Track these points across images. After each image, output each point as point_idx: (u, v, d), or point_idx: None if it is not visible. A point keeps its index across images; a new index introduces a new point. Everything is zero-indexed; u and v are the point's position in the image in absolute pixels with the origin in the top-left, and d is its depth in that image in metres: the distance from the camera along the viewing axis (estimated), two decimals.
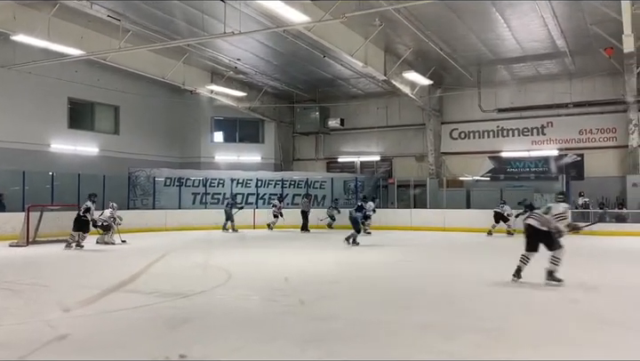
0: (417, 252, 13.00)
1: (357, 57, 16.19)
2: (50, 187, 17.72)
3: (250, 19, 14.24)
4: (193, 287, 7.72)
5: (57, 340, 5.03)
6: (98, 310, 6.32)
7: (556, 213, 8.06)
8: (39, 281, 8.64)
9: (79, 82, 19.72)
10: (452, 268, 10.49)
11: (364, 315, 6.16)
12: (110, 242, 14.40)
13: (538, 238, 8.12)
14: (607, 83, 20.22)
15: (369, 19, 14.59)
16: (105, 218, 14.47)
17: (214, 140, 26.12)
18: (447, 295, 7.38)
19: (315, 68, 21.06)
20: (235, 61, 19.96)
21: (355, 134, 25.59)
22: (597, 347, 4.83)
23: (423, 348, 4.76)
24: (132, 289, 7.73)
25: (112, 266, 10.87)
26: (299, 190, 23.29)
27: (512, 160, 22.24)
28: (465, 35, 16.90)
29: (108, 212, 14.57)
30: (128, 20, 15.07)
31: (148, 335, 5.26)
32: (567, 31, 16.38)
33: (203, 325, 5.66)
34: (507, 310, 6.39)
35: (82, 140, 20.90)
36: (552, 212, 8.06)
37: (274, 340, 4.99)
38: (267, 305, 6.85)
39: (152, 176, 21.08)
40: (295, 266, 10.74)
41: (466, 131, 23.26)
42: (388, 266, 10.79)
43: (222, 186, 22.41)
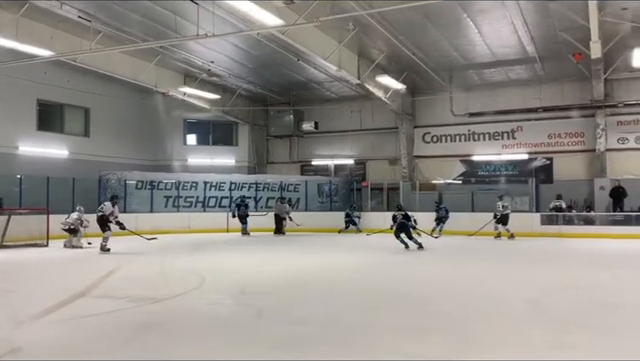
0: (390, 254, 13.08)
1: (331, 61, 16.26)
2: (18, 190, 17.32)
3: (223, 21, 14.16)
4: (165, 292, 7.64)
5: (25, 346, 4.93)
6: (68, 316, 6.23)
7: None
8: (6, 286, 8.45)
9: (48, 83, 19.36)
10: (424, 271, 10.60)
11: (336, 317, 6.17)
12: (78, 245, 14.15)
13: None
14: (575, 88, 20.69)
15: (342, 23, 14.66)
16: (72, 221, 14.22)
17: (187, 143, 25.89)
18: (418, 297, 7.44)
19: (289, 72, 21.07)
20: (208, 64, 19.83)
21: (329, 137, 25.65)
22: (561, 348, 4.93)
23: (393, 350, 4.80)
24: (103, 294, 7.66)
25: (81, 270, 10.67)
26: (273, 193, 23.21)
27: (483, 163, 22.57)
28: (437, 40, 17.11)
29: (75, 215, 14.32)
30: (99, 20, 14.85)
31: (119, 341, 5.18)
32: (537, 37, 16.73)
33: (174, 331, 5.60)
34: (475, 312, 6.47)
35: (51, 142, 20.50)
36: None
37: (246, 345, 4.97)
38: (240, 309, 6.82)
39: (123, 179, 20.77)
40: (270, 269, 10.71)
41: (438, 134, 23.52)
42: (362, 269, 10.84)
43: (195, 189, 22.22)
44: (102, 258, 12.65)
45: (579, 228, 18.20)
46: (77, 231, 14.24)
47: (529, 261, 12.15)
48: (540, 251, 14.50)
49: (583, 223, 18.77)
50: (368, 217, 21.28)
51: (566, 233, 17.83)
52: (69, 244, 14.23)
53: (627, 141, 20.22)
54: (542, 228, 18.39)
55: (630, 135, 20.17)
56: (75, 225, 14.20)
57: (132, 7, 14.43)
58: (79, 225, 14.27)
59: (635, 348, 4.97)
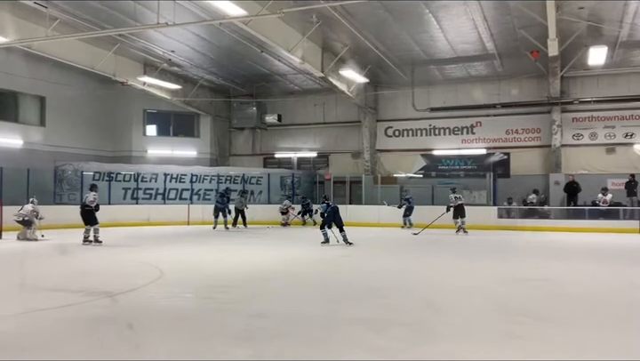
0: (353, 247, 13.17)
1: (295, 53, 16.21)
2: None
3: (185, 10, 13.95)
4: (122, 285, 7.51)
5: None
6: (21, 310, 6.06)
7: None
8: None
9: (2, 71, 18.66)
10: (384, 264, 10.72)
11: (297, 311, 6.19)
12: (32, 238, 13.76)
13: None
14: (533, 85, 21.19)
15: (306, 15, 14.65)
16: (26, 213, 13.81)
17: (147, 134, 25.41)
18: (379, 290, 7.52)
19: (252, 63, 20.91)
20: (169, 53, 19.50)
21: (292, 130, 25.61)
22: (514, 338, 5.07)
23: (354, 342, 4.84)
24: (57, 288, 7.47)
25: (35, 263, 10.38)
26: (235, 186, 23.01)
27: (443, 158, 22.86)
28: (399, 34, 17.25)
29: (29, 207, 13.91)
30: (56, 7, 14.41)
31: (73, 336, 5.07)
32: (496, 34, 17.05)
33: (125, 325, 5.49)
34: (434, 304, 6.58)
35: (4, 131, 19.80)
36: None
37: (205, 340, 4.93)
38: (200, 303, 6.76)
39: (80, 170, 20.26)
40: (230, 262, 10.65)
41: (400, 129, 23.76)
42: (323, 262, 10.87)
43: (155, 181, 21.85)
44: (57, 250, 12.34)
45: (534, 222, 18.71)
46: (32, 223, 13.84)
47: (486, 254, 12.42)
48: (497, 243, 14.84)
49: (538, 217, 19.31)
50: None
51: (522, 226, 18.29)
52: (23, 236, 13.82)
53: (581, 137, 20.86)
54: (499, 222, 18.86)
55: (585, 132, 20.81)
56: (29, 217, 13.80)
57: None
58: (34, 217, 13.87)
59: (584, 338, 5.13)
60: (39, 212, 14.01)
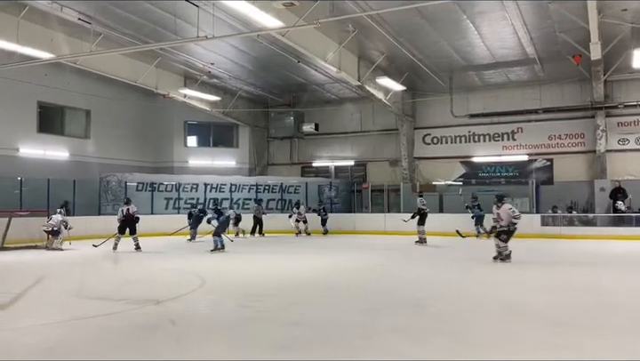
0: (391, 256, 13.08)
1: (331, 62, 16.29)
2: (18, 192, 17.35)
3: (223, 23, 14.20)
4: (165, 294, 7.65)
5: (26, 347, 4.95)
6: (69, 318, 6.25)
7: None
8: (6, 288, 8.45)
9: (49, 85, 19.36)
10: (421, 272, 10.60)
11: (334, 319, 6.18)
12: (58, 248, 14.16)
13: None
14: (575, 89, 20.69)
15: (342, 24, 14.69)
16: (55, 223, 14.23)
17: (188, 145, 25.90)
18: (415, 298, 7.45)
19: (289, 73, 21.09)
20: (208, 66, 19.85)
21: (329, 139, 25.67)
22: (554, 348, 4.95)
23: (392, 352, 4.81)
24: (104, 296, 7.68)
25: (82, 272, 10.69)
26: (273, 195, 23.28)
27: (483, 165, 22.57)
28: (437, 41, 17.12)
29: (59, 217, 14.34)
30: (99, 23, 14.88)
31: (117, 344, 5.20)
32: (536, 39, 16.73)
33: (175, 333, 5.61)
34: (472, 313, 6.48)
35: (51, 144, 20.53)
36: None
37: (246, 347, 4.98)
38: (239, 311, 6.82)
39: (124, 181, 20.81)
40: (267, 271, 10.72)
41: (438, 136, 23.53)
42: (361, 270, 10.84)
43: (196, 191, 22.24)
44: (102, 259, 12.68)
45: (579, 230, 18.20)
46: (59, 233, 14.26)
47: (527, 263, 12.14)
48: (539, 252, 14.49)
49: (583, 224, 18.77)
50: (368, 219, 21.30)
51: (566, 234, 17.83)
52: (50, 246, 14.25)
53: (627, 142, 20.21)
54: (542, 230, 18.39)
55: (630, 136, 20.16)
56: (57, 227, 14.21)
57: (132, 9, 14.46)
58: (62, 227, 14.29)
59: (624, 349, 4.97)
60: (68, 222, 14.45)
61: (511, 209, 11.10)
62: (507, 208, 11.12)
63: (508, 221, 11.05)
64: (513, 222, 11.02)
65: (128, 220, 14.38)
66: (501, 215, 11.15)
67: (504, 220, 11.09)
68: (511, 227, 11.07)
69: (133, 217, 14.41)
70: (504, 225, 11.11)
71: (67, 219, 14.49)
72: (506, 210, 11.10)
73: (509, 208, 11.15)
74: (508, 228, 11.07)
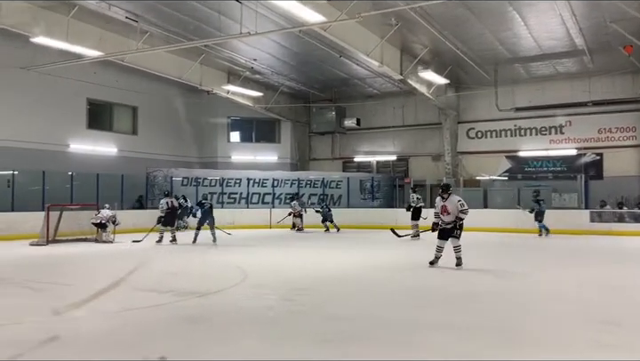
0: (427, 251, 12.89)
1: (373, 56, 16.17)
2: (69, 187, 17.95)
3: (266, 19, 14.30)
4: (209, 286, 7.78)
5: (71, 336, 5.11)
6: (115, 309, 6.42)
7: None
8: (58, 280, 8.77)
9: (98, 83, 19.94)
10: (470, 268, 10.42)
11: (380, 315, 6.15)
12: (108, 240, 14.58)
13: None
14: (627, 81, 19.97)
15: (385, 18, 14.58)
16: (103, 217, 14.64)
17: (231, 140, 26.25)
18: (463, 295, 7.34)
19: (331, 68, 21.07)
20: (251, 62, 20.05)
21: (371, 134, 25.55)
22: (604, 348, 4.81)
23: (438, 348, 4.76)
24: (149, 288, 7.86)
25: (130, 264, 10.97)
26: (315, 190, 23.35)
27: (530, 159, 22.04)
28: (481, 33, 16.79)
29: (108, 212, 14.76)
30: (145, 21, 15.22)
31: (162, 335, 5.31)
32: (586, 29, 16.18)
33: (218, 325, 5.70)
34: (519, 311, 6.35)
35: (100, 140, 21.17)
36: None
37: (289, 340, 5.01)
38: (283, 304, 6.87)
39: (169, 176, 21.27)
40: (310, 265, 10.77)
41: (483, 130, 23.11)
42: (404, 265, 10.75)
43: (239, 185, 22.54)
44: (148, 252, 12.99)
45: (630, 226, 17.55)
46: (106, 227, 14.70)
47: (575, 259, 11.82)
48: (588, 248, 14.08)
49: (634, 221, 18.09)
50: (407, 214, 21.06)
51: (617, 231, 17.24)
52: (100, 238, 14.68)
53: None
54: (592, 226, 17.82)
55: None
56: (105, 221, 14.62)
57: (178, 7, 14.71)
58: (110, 221, 14.71)
59: None
60: (117, 216, 14.86)
61: (460, 202, 9.55)
62: (455, 200, 9.55)
63: (454, 217, 9.51)
64: (460, 217, 9.48)
65: (173, 212, 14.77)
66: (448, 208, 9.56)
67: (450, 214, 9.53)
68: (458, 222, 9.51)
69: (177, 210, 14.77)
70: (448, 221, 9.56)
71: (115, 213, 14.90)
72: (454, 202, 9.53)
73: (458, 200, 9.59)
74: (454, 224, 9.50)
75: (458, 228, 9.57)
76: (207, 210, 14.58)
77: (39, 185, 17.14)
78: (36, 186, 17.20)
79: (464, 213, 9.48)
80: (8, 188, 16.66)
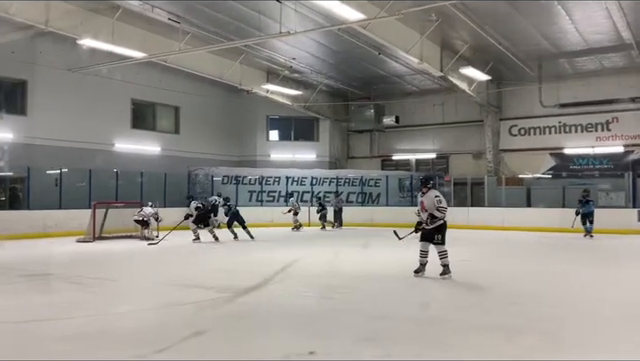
0: (475, 251, 12.74)
1: (413, 53, 16.03)
2: (114, 185, 18.42)
3: (305, 18, 14.35)
4: (251, 283, 7.86)
5: (122, 333, 5.25)
6: (160, 304, 6.57)
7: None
8: (106, 275, 9.01)
9: (141, 83, 20.41)
10: (513, 269, 10.24)
11: (422, 314, 6.10)
12: (150, 237, 14.88)
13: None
14: None
15: (425, 14, 14.41)
16: (145, 214, 14.94)
17: (270, 139, 26.45)
18: (504, 296, 7.21)
19: (369, 66, 20.98)
20: (290, 60, 20.15)
21: (410, 132, 25.33)
22: None
23: (482, 349, 4.68)
24: (193, 284, 8.00)
25: (174, 261, 11.22)
26: (353, 188, 23.33)
27: (575, 157, 21.45)
28: (525, 28, 16.42)
29: (150, 210, 15.07)
30: (187, 22, 15.48)
31: (207, 330, 5.38)
32: (633, 22, 15.60)
33: (261, 321, 5.75)
34: (565, 312, 6.19)
35: (144, 139, 21.65)
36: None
37: (330, 338, 5.01)
38: (323, 302, 6.89)
39: (210, 174, 21.61)
40: (350, 263, 10.76)
41: (526, 127, 22.61)
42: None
43: (278, 184, 22.72)
44: (193, 249, 13.23)
45: None
46: (149, 224, 15.00)
47: (622, 260, 11.46)
48: (636, 249, 13.62)
49: None
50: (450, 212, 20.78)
51: None
52: (143, 236, 15.01)
53: None
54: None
55: None
56: (147, 218, 14.92)
57: (218, 8, 14.91)
58: (153, 219, 15.02)
59: None
60: (159, 214, 15.15)
61: (437, 197, 8.32)
62: (432, 196, 8.32)
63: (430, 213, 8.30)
64: (435, 215, 8.24)
65: (207, 212, 14.94)
66: (425, 204, 8.39)
67: (427, 211, 8.33)
68: (431, 221, 8.28)
69: (209, 209, 15.03)
70: (425, 218, 8.41)
71: (157, 210, 15.21)
72: (431, 198, 8.30)
73: (436, 196, 8.35)
74: (427, 222, 8.34)
75: (437, 232, 8.30)
76: (235, 210, 14.84)
77: (86, 183, 17.62)
78: (83, 184, 17.70)
79: (440, 211, 8.21)
80: (56, 187, 17.20)
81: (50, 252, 12.32)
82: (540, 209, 19.00)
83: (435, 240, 8.30)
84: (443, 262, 8.32)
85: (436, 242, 8.31)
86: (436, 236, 8.29)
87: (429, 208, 8.27)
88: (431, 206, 8.26)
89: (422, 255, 8.47)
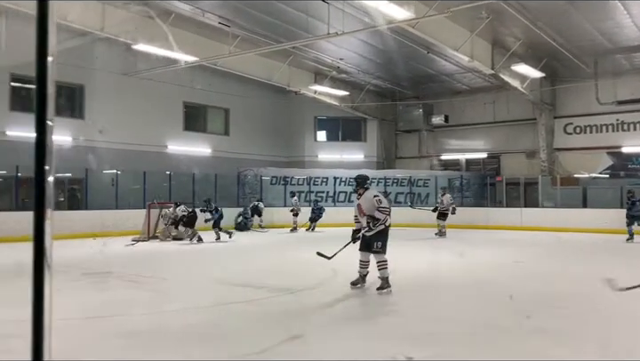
0: (529, 253, 12.42)
1: (463, 51, 15.78)
2: (167, 185, 18.90)
3: (352, 18, 14.34)
4: (301, 283, 7.92)
5: (172, 331, 5.38)
6: (212, 303, 6.70)
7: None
8: (160, 274, 9.27)
9: (193, 87, 20.87)
10: (567, 271, 9.92)
11: (472, 317, 5.99)
12: (187, 236, 14.97)
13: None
14: None
15: (475, 11, 14.16)
16: (178, 215, 15.14)
17: (318, 140, 26.56)
18: (558, 299, 6.99)
19: (418, 65, 20.78)
20: (337, 61, 20.18)
21: (459, 131, 24.92)
22: None
23: (532, 352, 4.59)
24: (244, 283, 8.13)
25: (225, 260, 11.42)
26: (402, 189, 23.14)
27: (634, 156, 20.59)
28: (579, 24, 15.90)
29: (183, 208, 15.25)
30: (237, 25, 15.75)
31: (257, 330, 5.47)
32: None
33: (311, 321, 5.79)
34: (621, 316, 5.96)
35: (196, 141, 22.13)
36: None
37: (380, 340, 5.00)
38: (373, 304, 6.86)
39: (259, 175, 21.88)
40: (398, 265, 10.65)
41: (581, 125, 21.87)
42: (498, 268, 10.40)
43: (326, 184, 22.77)
44: (243, 249, 13.43)
45: None
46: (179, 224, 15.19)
47: None
48: None
49: None
50: (502, 213, 20.38)
51: None
52: (165, 236, 15.18)
53: None
54: None
55: None
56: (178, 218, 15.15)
57: (267, 10, 15.09)
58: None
59: None
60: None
61: (377, 197, 7.34)
62: (370, 196, 7.37)
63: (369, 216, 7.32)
64: (376, 217, 7.21)
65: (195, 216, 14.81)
66: (363, 207, 7.41)
67: (367, 213, 7.35)
68: (372, 225, 7.25)
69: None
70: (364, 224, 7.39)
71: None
72: (369, 198, 7.35)
73: (374, 195, 7.38)
74: (369, 226, 7.29)
75: (376, 239, 7.25)
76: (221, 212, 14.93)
77: (140, 184, 18.16)
78: (137, 185, 18.24)
79: (381, 212, 7.22)
80: (112, 187, 17.80)
81: (108, 252, 12.73)
82: (596, 210, 18.33)
83: (374, 248, 7.24)
84: (381, 274, 7.21)
85: (375, 250, 7.24)
86: (376, 243, 7.23)
87: (368, 210, 7.32)
88: (371, 208, 7.30)
89: (362, 266, 7.53)
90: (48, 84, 1.32)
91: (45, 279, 1.34)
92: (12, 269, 9.17)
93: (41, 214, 1.33)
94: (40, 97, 1.33)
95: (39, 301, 1.35)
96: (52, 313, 1.36)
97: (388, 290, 7.15)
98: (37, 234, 1.33)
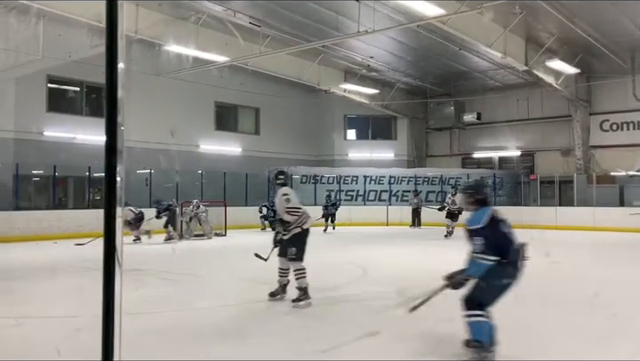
0: (565, 253, 12.18)
1: (495, 48, 15.55)
2: (199, 184, 19.12)
3: (383, 16, 14.28)
4: (330, 282, 7.92)
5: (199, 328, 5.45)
6: (238, 301, 6.76)
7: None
8: (192, 271, 9.40)
9: (224, 86, 21.05)
10: (605, 271, 9.71)
11: (507, 316, 5.89)
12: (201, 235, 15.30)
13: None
14: None
15: (508, 7, 13.96)
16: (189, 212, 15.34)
17: (348, 138, 26.51)
18: (597, 300, 6.83)
19: (449, 62, 20.56)
20: (367, 59, 20.11)
21: (492, 128, 24.54)
22: None
23: (570, 352, 4.54)
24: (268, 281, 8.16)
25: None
26: (432, 187, 22.95)
27: None
28: (616, 19, 15.52)
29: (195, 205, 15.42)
30: (267, 25, 15.83)
31: (285, 327, 5.55)
32: None
33: (341, 320, 5.80)
34: None
35: (226, 140, 22.33)
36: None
37: (407, 340, 4.97)
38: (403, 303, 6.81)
39: (289, 174, 21.93)
40: (431, 264, 10.56)
41: (618, 122, 21.33)
42: (533, 267, 10.20)
43: (356, 183, 22.74)
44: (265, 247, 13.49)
45: None
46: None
47: None
48: None
49: None
50: (537, 212, 20.04)
51: None
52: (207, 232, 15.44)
53: None
54: None
55: None
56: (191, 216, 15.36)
57: (297, 10, 15.13)
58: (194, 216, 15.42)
59: None
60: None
61: (285, 195, 6.44)
62: (281, 194, 6.52)
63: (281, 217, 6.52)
64: (285, 220, 6.42)
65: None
66: (277, 207, 6.69)
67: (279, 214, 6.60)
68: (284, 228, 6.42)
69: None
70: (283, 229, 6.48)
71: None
72: (279, 196, 6.54)
73: (283, 194, 6.48)
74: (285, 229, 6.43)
75: (291, 244, 6.37)
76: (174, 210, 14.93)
77: (173, 183, 18.40)
78: (170, 184, 18.48)
79: (290, 214, 6.39)
80: (146, 187, 18.07)
81: (140, 249, 12.96)
82: (634, 208, 17.88)
83: (288, 255, 6.36)
84: (298, 284, 6.32)
85: (289, 257, 6.34)
86: (289, 249, 6.35)
87: (279, 211, 6.54)
88: (280, 209, 6.49)
89: (281, 274, 6.62)
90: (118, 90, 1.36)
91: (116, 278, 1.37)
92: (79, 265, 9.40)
93: (111, 214, 1.37)
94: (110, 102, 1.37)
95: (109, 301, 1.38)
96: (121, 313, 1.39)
97: (307, 302, 6.27)
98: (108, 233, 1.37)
